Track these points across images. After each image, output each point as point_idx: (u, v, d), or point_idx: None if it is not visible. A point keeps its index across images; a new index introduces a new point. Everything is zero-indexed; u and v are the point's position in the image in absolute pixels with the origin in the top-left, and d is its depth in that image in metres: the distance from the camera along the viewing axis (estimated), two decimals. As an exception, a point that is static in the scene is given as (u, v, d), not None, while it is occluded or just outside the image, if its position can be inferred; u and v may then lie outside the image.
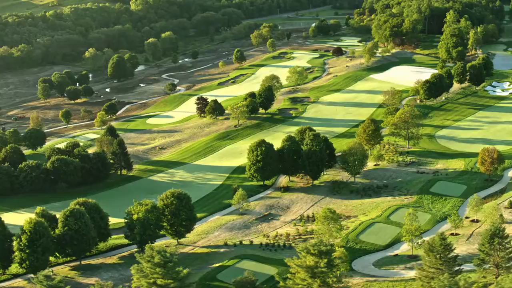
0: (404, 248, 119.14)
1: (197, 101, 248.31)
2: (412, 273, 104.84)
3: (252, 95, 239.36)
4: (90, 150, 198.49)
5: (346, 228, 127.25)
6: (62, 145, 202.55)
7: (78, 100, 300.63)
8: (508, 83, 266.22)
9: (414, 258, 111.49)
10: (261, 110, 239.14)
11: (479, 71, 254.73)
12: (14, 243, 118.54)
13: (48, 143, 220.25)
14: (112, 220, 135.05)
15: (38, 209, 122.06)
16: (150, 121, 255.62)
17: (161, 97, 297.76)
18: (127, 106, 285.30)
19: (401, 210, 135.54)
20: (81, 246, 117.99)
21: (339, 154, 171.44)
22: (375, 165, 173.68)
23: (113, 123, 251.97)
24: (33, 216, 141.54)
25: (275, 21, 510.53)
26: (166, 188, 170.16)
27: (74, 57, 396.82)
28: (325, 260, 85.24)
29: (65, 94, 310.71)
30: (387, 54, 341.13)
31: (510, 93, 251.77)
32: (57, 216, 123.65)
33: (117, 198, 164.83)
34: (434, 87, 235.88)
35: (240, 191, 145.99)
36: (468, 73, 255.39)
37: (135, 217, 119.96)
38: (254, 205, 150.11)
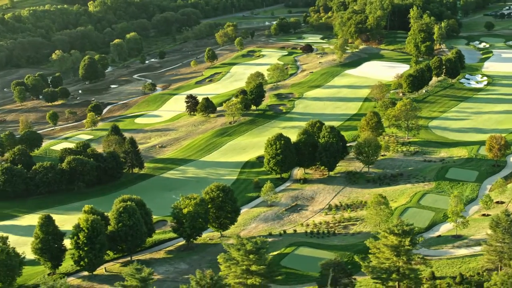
0: (443, 230, 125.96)
1: (186, 100, 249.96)
2: (461, 251, 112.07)
3: (243, 92, 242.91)
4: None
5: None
6: (70, 146, 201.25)
7: (55, 102, 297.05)
8: (480, 76, 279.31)
9: (459, 237, 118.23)
10: (252, 107, 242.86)
11: (455, 65, 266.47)
12: (67, 242, 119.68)
13: (44, 145, 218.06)
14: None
15: (87, 207, 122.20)
16: (138, 120, 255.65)
17: (140, 97, 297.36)
18: (108, 107, 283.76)
19: (428, 196, 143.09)
20: (135, 242, 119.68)
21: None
22: (382, 155, 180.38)
23: (100, 124, 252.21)
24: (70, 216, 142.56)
25: (231, 20, 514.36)
26: (183, 184, 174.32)
27: (39, 60, 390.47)
28: (409, 239, 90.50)
29: (40, 97, 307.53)
30: (356, 50, 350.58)
31: (484, 85, 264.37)
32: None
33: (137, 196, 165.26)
34: (417, 80, 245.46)
35: (269, 183, 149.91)
36: (444, 67, 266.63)
37: (185, 211, 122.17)
38: (279, 197, 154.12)
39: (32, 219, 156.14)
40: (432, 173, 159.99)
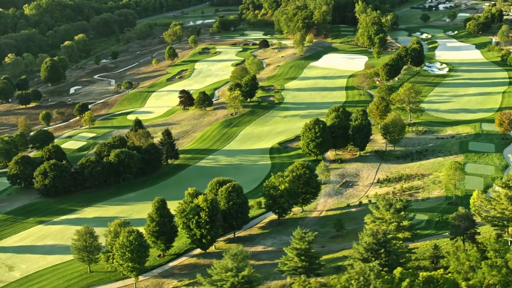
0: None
1: (180, 95, 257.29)
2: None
3: (238, 85, 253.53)
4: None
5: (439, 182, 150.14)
6: (79, 144, 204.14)
7: (29, 105, 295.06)
8: (439, 63, 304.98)
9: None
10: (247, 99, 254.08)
11: (419, 54, 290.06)
12: (177, 221, 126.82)
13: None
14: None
15: (191, 189, 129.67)
16: (130, 117, 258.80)
17: (118, 95, 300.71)
18: (90, 106, 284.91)
19: (468, 165, 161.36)
20: (244, 218, 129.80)
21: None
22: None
23: (96, 122, 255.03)
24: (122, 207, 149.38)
25: (163, 20, 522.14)
26: (223, 171, 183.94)
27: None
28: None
29: (9, 100, 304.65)
30: (310, 44, 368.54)
31: (447, 71, 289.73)
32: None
33: (185, 184, 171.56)
34: (393, 69, 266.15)
35: (323, 163, 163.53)
36: (409, 56, 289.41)
37: (282, 187, 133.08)
38: (329, 175, 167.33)
39: (93, 212, 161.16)
40: (455, 147, 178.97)
